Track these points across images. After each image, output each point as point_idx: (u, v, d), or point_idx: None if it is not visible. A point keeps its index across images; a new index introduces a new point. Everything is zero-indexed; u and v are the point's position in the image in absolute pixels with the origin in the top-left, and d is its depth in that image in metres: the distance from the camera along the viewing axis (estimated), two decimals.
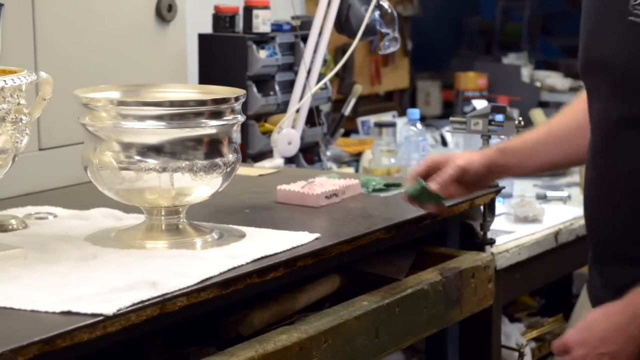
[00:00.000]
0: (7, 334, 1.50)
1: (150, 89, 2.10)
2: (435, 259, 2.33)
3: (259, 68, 2.90)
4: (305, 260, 1.95)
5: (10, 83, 1.76)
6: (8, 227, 2.05)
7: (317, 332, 1.86)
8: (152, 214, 1.98)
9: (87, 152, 1.96)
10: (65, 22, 2.49)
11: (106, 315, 1.57)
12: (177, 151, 1.90)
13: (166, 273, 1.74)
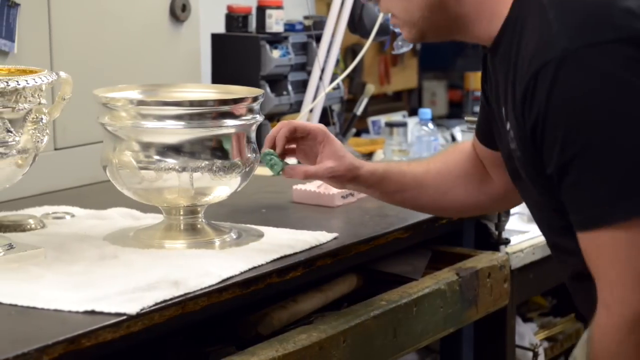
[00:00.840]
0: (32, 333, 1.51)
1: (168, 89, 2.10)
2: (451, 258, 2.34)
3: (272, 68, 2.90)
4: (324, 260, 1.95)
5: (32, 83, 1.76)
6: (26, 227, 2.05)
7: (336, 331, 1.86)
8: (170, 214, 1.99)
9: (106, 151, 1.96)
10: (80, 22, 2.49)
11: (129, 315, 1.57)
12: (196, 151, 1.90)
13: (188, 273, 1.74)
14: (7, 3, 2.28)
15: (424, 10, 1.68)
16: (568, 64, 1.48)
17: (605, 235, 1.48)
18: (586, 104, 1.47)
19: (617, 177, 1.46)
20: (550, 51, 1.49)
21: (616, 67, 1.46)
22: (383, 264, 2.22)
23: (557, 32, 1.50)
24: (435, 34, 1.75)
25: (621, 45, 1.47)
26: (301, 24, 3.02)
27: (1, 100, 1.73)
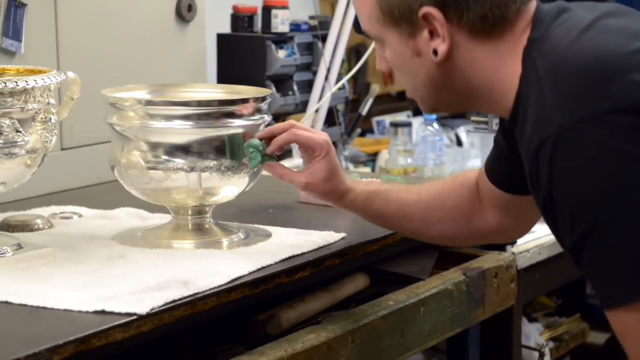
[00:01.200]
0: (43, 333, 1.51)
1: (175, 89, 2.10)
2: (457, 258, 2.34)
3: (277, 68, 2.90)
4: (332, 260, 1.95)
5: (41, 83, 1.76)
6: (34, 227, 2.05)
7: (344, 331, 1.86)
8: (178, 214, 1.99)
9: (114, 151, 1.96)
10: (86, 21, 2.49)
11: (139, 315, 1.58)
12: (204, 151, 1.90)
13: (196, 272, 1.74)
14: (14, 3, 2.29)
15: (429, 88, 1.64)
16: (564, 140, 1.43)
17: (627, 314, 1.43)
18: (587, 180, 1.42)
19: (631, 253, 1.41)
20: (545, 128, 1.45)
21: (614, 139, 1.40)
22: (390, 264, 2.22)
23: (552, 107, 1.45)
24: (447, 108, 1.74)
25: (618, 115, 1.41)
26: (306, 24, 3.03)
27: (10, 100, 1.73)
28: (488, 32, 1.57)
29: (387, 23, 1.61)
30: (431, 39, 1.58)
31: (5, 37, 2.28)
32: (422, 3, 1.56)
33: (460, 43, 1.58)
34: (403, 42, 1.61)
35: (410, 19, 1.58)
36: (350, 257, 2.00)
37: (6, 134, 1.73)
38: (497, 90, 1.59)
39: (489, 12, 1.56)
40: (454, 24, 1.57)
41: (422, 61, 1.61)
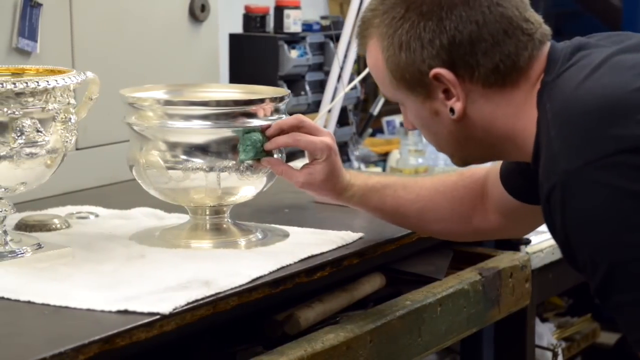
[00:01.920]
0: (67, 333, 1.51)
1: (193, 89, 2.11)
2: (472, 258, 2.34)
3: (290, 68, 2.90)
4: (350, 259, 1.96)
5: (62, 83, 1.77)
6: (52, 227, 2.05)
7: (362, 331, 1.86)
8: (196, 214, 1.99)
9: (132, 151, 1.96)
10: (101, 21, 2.50)
11: (162, 314, 1.58)
12: (222, 151, 1.90)
13: (217, 272, 1.74)
14: (29, 3, 2.29)
15: (453, 144, 1.66)
16: (572, 186, 1.43)
17: None
18: (599, 224, 1.41)
19: None
20: (553, 175, 1.45)
21: (621, 180, 1.39)
22: (405, 264, 2.22)
23: (558, 153, 1.45)
24: (477, 161, 1.72)
25: (623, 155, 1.40)
26: (318, 24, 3.03)
27: (31, 100, 1.73)
28: (502, 83, 1.57)
29: (402, 87, 1.62)
30: (446, 98, 1.59)
31: (21, 37, 2.28)
32: (430, 65, 1.56)
33: (476, 98, 1.58)
34: (420, 104, 1.62)
35: (423, 82, 1.58)
36: (369, 257, 2.00)
37: (27, 133, 1.73)
38: (519, 137, 1.59)
39: (500, 64, 1.56)
40: (466, 80, 1.57)
41: (441, 120, 1.62)
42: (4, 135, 1.72)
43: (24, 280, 1.71)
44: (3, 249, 1.81)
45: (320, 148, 1.89)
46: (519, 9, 1.57)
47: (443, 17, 1.55)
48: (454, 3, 1.55)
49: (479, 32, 1.55)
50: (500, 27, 1.55)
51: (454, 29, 1.55)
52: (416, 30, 1.56)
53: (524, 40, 1.56)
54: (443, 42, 1.55)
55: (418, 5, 1.56)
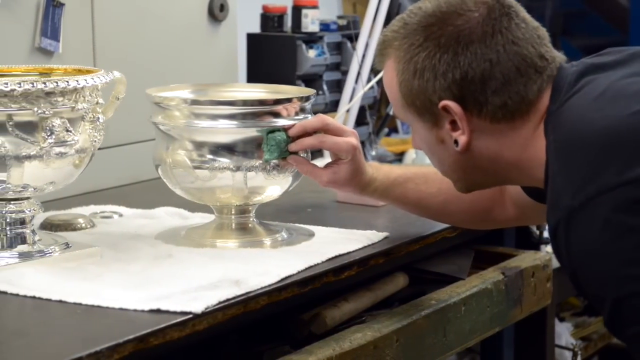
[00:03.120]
0: (101, 332, 1.51)
1: (217, 88, 2.11)
2: (493, 258, 2.34)
3: (308, 67, 2.90)
4: (376, 259, 1.96)
5: (91, 82, 1.77)
6: (77, 226, 2.05)
7: (389, 331, 1.86)
8: (222, 213, 1.99)
9: (159, 150, 1.96)
10: (122, 21, 2.50)
11: (195, 314, 1.58)
12: (248, 150, 1.91)
13: (247, 272, 1.75)
14: (52, 3, 2.29)
15: (457, 172, 1.69)
16: (574, 222, 1.43)
17: None
18: (602, 260, 1.41)
19: None
20: (557, 211, 1.46)
21: (621, 215, 1.39)
22: (427, 263, 2.22)
23: (562, 188, 1.46)
24: (481, 187, 1.75)
25: (625, 189, 1.40)
26: (335, 23, 3.03)
27: (61, 99, 1.73)
28: (511, 118, 1.58)
29: (412, 111, 1.64)
30: (452, 129, 1.61)
31: (43, 37, 2.28)
32: (441, 97, 1.58)
33: (482, 131, 1.60)
34: (427, 130, 1.65)
35: (432, 110, 1.61)
36: (394, 257, 2.00)
37: (57, 133, 1.74)
38: (527, 167, 1.60)
39: (508, 100, 1.57)
40: (474, 115, 1.59)
41: (446, 148, 1.64)
42: (33, 135, 1.72)
43: (54, 279, 1.71)
44: (31, 249, 1.81)
45: (346, 149, 1.91)
46: (534, 46, 1.58)
47: (459, 52, 1.57)
48: (471, 39, 1.57)
49: (491, 70, 1.56)
50: (513, 65, 1.56)
51: (467, 65, 1.57)
52: (431, 60, 1.58)
53: (534, 78, 1.57)
54: (455, 76, 1.57)
55: (437, 36, 1.58)
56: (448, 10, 1.59)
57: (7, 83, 1.67)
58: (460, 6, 1.59)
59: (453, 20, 1.58)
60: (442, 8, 1.60)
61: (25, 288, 1.67)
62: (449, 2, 1.60)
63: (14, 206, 1.81)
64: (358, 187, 1.97)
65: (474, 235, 2.30)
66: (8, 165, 1.72)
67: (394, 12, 2.78)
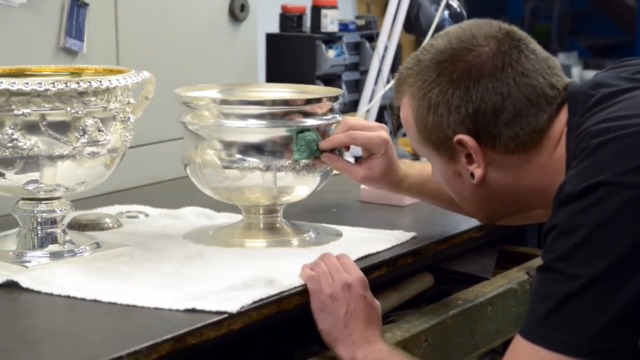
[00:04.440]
0: (138, 332, 1.51)
1: (245, 88, 2.12)
2: (516, 258, 2.34)
3: (327, 68, 2.91)
4: (405, 259, 1.96)
5: (123, 82, 1.77)
6: (104, 226, 2.06)
7: (418, 330, 1.87)
8: (250, 213, 1.99)
9: (187, 150, 1.96)
10: (145, 21, 2.50)
11: (230, 313, 1.58)
12: (277, 150, 1.91)
13: (279, 271, 1.75)
14: (76, 3, 2.29)
15: (476, 204, 1.71)
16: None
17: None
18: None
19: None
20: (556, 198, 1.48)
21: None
22: (452, 263, 2.22)
23: (567, 179, 1.48)
24: (504, 216, 1.77)
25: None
26: (354, 23, 3.03)
27: (94, 99, 1.74)
28: (524, 148, 1.60)
29: (428, 146, 1.66)
30: (468, 163, 1.63)
31: (68, 37, 2.28)
32: (455, 131, 1.60)
33: (498, 164, 1.62)
34: (444, 165, 1.67)
35: (447, 145, 1.63)
36: (422, 256, 2.00)
37: (89, 133, 1.74)
38: (547, 189, 1.59)
39: (519, 131, 1.59)
40: (488, 148, 1.61)
41: (463, 181, 1.67)
42: (66, 135, 1.73)
43: (86, 279, 1.72)
44: (62, 248, 1.82)
45: (378, 143, 1.93)
46: (545, 76, 1.60)
47: (470, 86, 1.58)
48: (481, 74, 1.58)
49: (502, 103, 1.58)
50: (524, 96, 1.58)
51: (479, 99, 1.58)
52: (445, 96, 1.60)
53: (545, 108, 1.59)
54: (469, 110, 1.59)
55: (449, 72, 1.60)
56: (459, 47, 1.61)
57: (41, 83, 1.67)
58: (470, 42, 1.61)
59: (464, 55, 1.60)
60: (453, 44, 1.62)
61: (58, 287, 1.67)
62: (460, 39, 1.62)
63: (45, 206, 1.81)
64: (392, 184, 1.98)
65: (497, 235, 2.30)
66: (41, 164, 1.72)
67: (414, 12, 2.78)
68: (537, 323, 1.42)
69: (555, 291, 1.40)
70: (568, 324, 1.39)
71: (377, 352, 1.69)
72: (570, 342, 1.39)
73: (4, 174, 1.73)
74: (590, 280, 1.39)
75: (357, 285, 1.73)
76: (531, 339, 1.42)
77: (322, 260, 1.76)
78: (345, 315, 1.71)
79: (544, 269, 1.44)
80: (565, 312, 1.39)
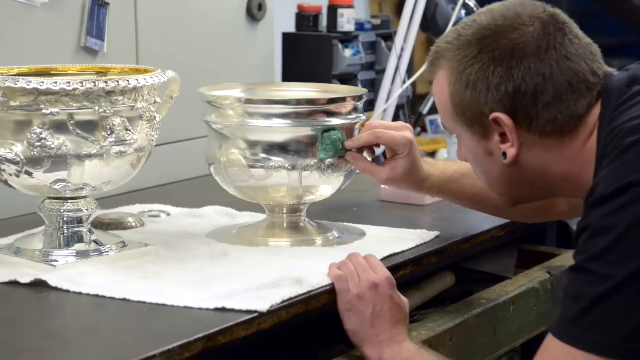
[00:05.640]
0: (170, 330, 1.52)
1: (267, 88, 2.12)
2: (536, 257, 2.34)
3: (344, 67, 2.91)
4: (429, 258, 1.96)
5: (150, 82, 1.77)
6: (127, 225, 2.06)
7: (443, 330, 1.87)
8: (274, 212, 2.00)
9: (212, 149, 1.97)
10: (164, 21, 2.51)
11: (260, 312, 1.58)
12: (301, 149, 1.91)
13: (306, 270, 1.75)
14: (97, 2, 2.29)
15: (503, 185, 1.68)
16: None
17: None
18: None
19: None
20: (589, 199, 1.46)
21: None
22: (473, 262, 2.22)
23: (600, 179, 1.47)
24: (528, 200, 1.74)
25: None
26: (370, 23, 3.04)
27: (121, 99, 1.74)
28: (560, 132, 1.58)
29: (462, 122, 1.64)
30: (502, 142, 1.61)
31: (89, 37, 2.28)
32: (492, 109, 1.58)
33: (531, 145, 1.60)
34: (475, 142, 1.64)
35: (482, 122, 1.61)
36: (446, 256, 2.00)
37: (117, 132, 1.74)
38: (576, 180, 1.59)
39: (558, 115, 1.57)
40: (524, 129, 1.59)
41: (494, 161, 1.64)
42: (94, 134, 1.73)
43: (114, 278, 1.72)
44: (88, 247, 1.82)
45: (403, 143, 1.92)
46: (587, 62, 1.58)
47: (513, 65, 1.57)
48: (525, 54, 1.57)
49: (544, 85, 1.57)
50: (565, 80, 1.57)
51: (520, 79, 1.57)
52: (485, 73, 1.58)
53: (585, 94, 1.58)
54: (509, 89, 1.57)
55: (491, 49, 1.58)
56: (503, 24, 1.59)
57: (70, 82, 1.68)
58: (515, 20, 1.59)
59: (508, 34, 1.58)
60: (497, 22, 1.60)
61: (87, 286, 1.67)
62: (505, 16, 1.60)
63: (72, 205, 1.81)
64: (415, 184, 1.97)
65: (518, 235, 2.31)
66: (69, 164, 1.72)
67: (431, 12, 2.78)
68: (569, 323, 1.42)
69: (587, 292, 1.40)
70: (600, 325, 1.39)
71: (404, 351, 1.69)
72: (603, 343, 1.39)
73: (31, 173, 1.73)
74: (623, 281, 1.39)
75: (384, 285, 1.73)
76: (564, 339, 1.42)
77: (350, 260, 1.76)
78: (372, 315, 1.71)
79: (577, 270, 1.44)
80: (597, 312, 1.39)
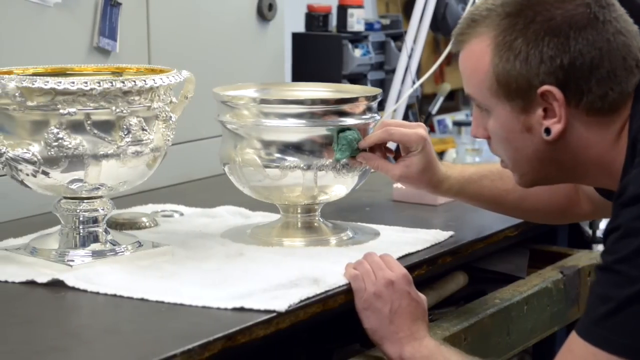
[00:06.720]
0: (190, 330, 1.51)
1: (281, 88, 2.12)
2: (548, 257, 2.34)
3: (354, 67, 2.92)
4: (444, 258, 1.96)
5: (167, 81, 1.77)
6: (140, 225, 2.06)
7: (458, 329, 1.87)
8: (288, 212, 2.00)
9: (226, 149, 1.97)
10: (175, 21, 2.51)
11: (278, 312, 1.59)
12: (316, 149, 1.91)
13: (323, 270, 1.75)
14: (110, 3, 2.30)
15: (533, 163, 1.60)
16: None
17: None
18: None
19: None
20: (621, 199, 1.44)
21: None
22: (485, 262, 2.22)
23: (632, 179, 1.44)
24: (547, 182, 1.70)
25: None
26: (379, 22, 3.04)
27: (138, 98, 1.74)
28: (607, 110, 1.53)
29: (500, 94, 1.56)
30: (545, 117, 1.54)
31: (101, 37, 2.29)
32: (543, 80, 1.51)
33: (575, 123, 1.54)
34: (513, 116, 1.56)
35: (527, 95, 1.53)
36: (461, 255, 2.00)
37: (133, 132, 1.74)
38: (607, 166, 1.56)
39: (609, 91, 1.52)
40: (572, 104, 1.52)
41: (531, 137, 1.57)
42: (110, 134, 1.73)
43: (131, 277, 1.72)
44: (104, 247, 1.82)
45: (415, 140, 1.90)
46: (637, 40, 1.54)
47: (570, 36, 1.50)
48: (582, 25, 1.50)
49: (600, 59, 1.51)
50: (620, 55, 1.52)
51: (577, 51, 1.50)
52: (539, 43, 1.51)
53: (635, 72, 1.54)
54: (564, 61, 1.51)
55: (547, 18, 1.51)
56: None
57: (87, 82, 1.68)
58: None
59: (560, 3, 1.51)
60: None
61: (104, 286, 1.67)
62: None
63: (87, 205, 1.81)
64: (431, 184, 1.94)
65: (530, 235, 2.31)
66: (86, 163, 1.72)
67: (441, 12, 2.79)
68: (595, 324, 1.41)
69: (615, 293, 1.38)
70: (627, 327, 1.38)
71: (424, 348, 1.68)
72: (628, 346, 1.38)
73: (48, 173, 1.73)
74: None
75: (401, 282, 1.72)
76: (589, 339, 1.41)
77: (365, 259, 1.76)
78: (390, 313, 1.70)
79: (605, 269, 1.41)
80: (624, 314, 1.38)
